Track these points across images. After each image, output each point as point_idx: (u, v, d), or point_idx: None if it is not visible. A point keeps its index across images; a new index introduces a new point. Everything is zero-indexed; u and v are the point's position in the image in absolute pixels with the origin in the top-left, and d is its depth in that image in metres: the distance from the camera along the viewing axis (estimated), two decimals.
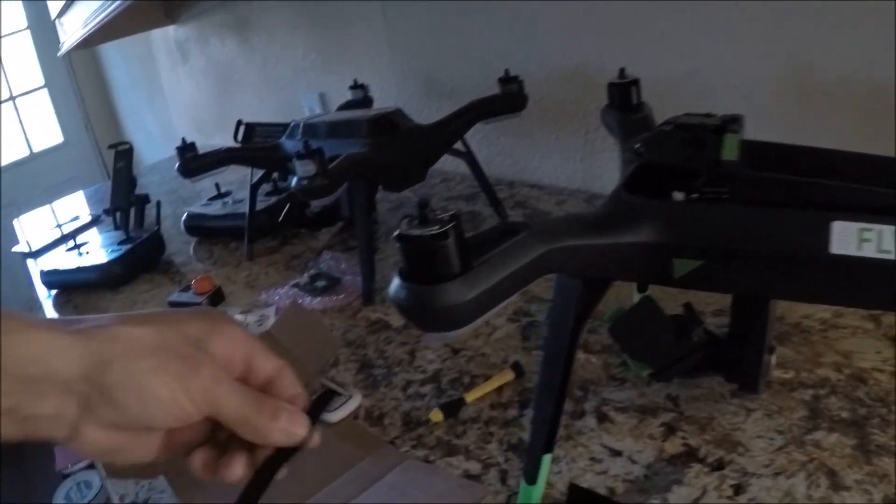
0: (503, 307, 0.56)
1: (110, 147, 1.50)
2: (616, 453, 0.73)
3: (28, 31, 3.37)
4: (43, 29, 3.21)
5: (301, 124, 1.20)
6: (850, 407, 0.73)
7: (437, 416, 0.80)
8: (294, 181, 0.93)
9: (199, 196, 1.69)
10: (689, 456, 0.70)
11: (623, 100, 0.84)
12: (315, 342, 0.91)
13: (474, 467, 0.74)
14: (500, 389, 0.84)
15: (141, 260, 1.33)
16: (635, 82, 0.83)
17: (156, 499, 0.76)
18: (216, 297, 1.15)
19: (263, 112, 2.04)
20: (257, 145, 1.26)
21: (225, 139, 2.21)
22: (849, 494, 0.63)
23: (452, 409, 0.81)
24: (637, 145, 0.67)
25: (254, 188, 1.27)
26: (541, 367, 0.66)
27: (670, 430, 0.74)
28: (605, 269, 0.60)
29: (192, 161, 1.18)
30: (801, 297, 0.69)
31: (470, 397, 0.82)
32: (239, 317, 1.09)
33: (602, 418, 0.78)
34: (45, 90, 3.50)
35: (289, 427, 0.46)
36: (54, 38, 2.57)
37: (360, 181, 1.00)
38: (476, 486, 0.71)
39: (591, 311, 0.63)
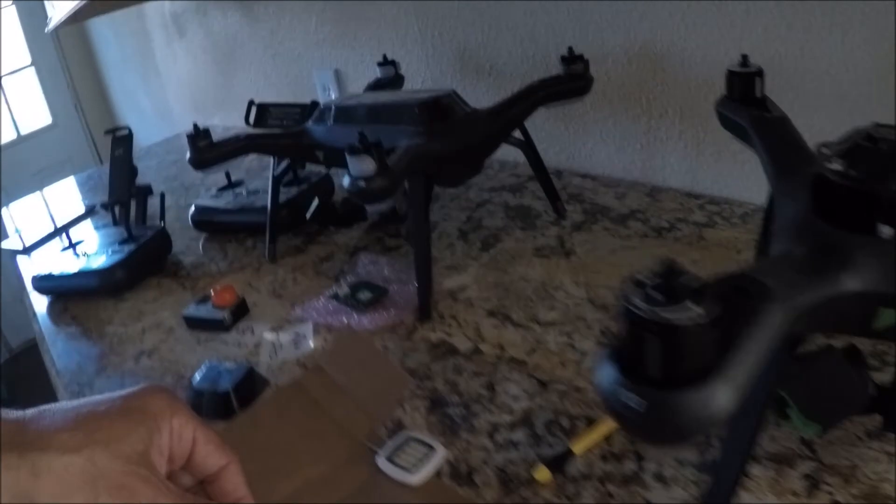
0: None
1: (107, 133, 1.30)
2: None
3: (13, 6, 3.11)
4: (29, 3, 2.96)
5: (332, 107, 1.00)
6: None
7: (542, 474, 0.63)
8: (347, 181, 0.74)
9: (204, 184, 1.50)
10: None
11: (746, 92, 0.68)
12: (377, 378, 0.73)
13: None
14: (610, 437, 0.67)
15: (146, 262, 1.14)
16: (759, 73, 0.67)
17: None
18: (239, 311, 0.96)
19: (270, 91, 1.83)
20: (281, 132, 1.06)
21: (226, 120, 2.02)
22: None
23: (558, 463, 0.64)
24: (837, 162, 0.49)
25: (276, 180, 1.08)
26: (725, 437, 0.50)
27: (813, 483, 0.60)
28: (812, 323, 0.45)
29: (207, 150, 0.99)
30: None
31: (578, 448, 0.65)
32: (269, 335, 0.90)
33: None
34: (33, 69, 3.24)
35: None
36: (42, 14, 2.34)
37: (419, 177, 0.82)
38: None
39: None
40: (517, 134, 1.01)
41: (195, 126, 0.99)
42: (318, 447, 0.66)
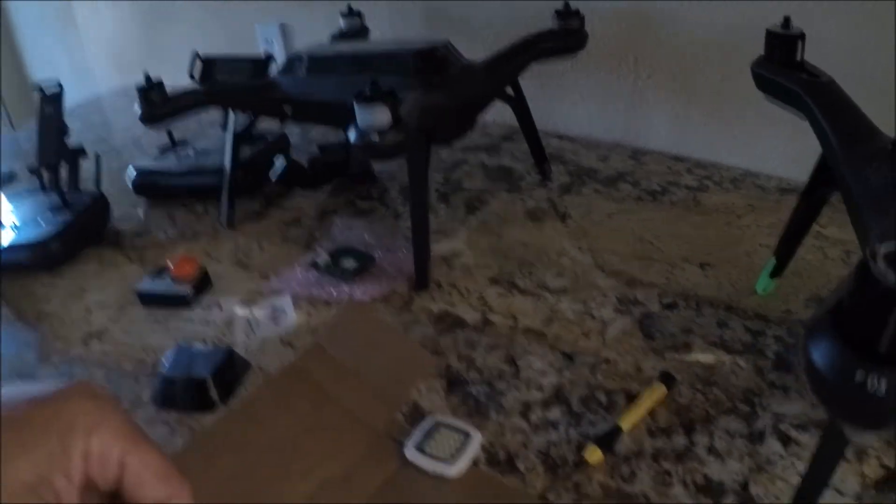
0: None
1: (36, 90, 1.12)
2: None
3: None
4: None
5: (305, 56, 0.89)
6: None
7: (594, 455, 0.55)
8: (354, 135, 0.64)
9: (138, 146, 1.35)
10: (894, 480, 0.54)
11: (787, 55, 0.64)
12: (392, 358, 0.63)
13: None
14: (653, 411, 0.60)
15: (85, 232, 0.99)
16: (802, 36, 0.63)
17: None
18: (202, 284, 0.84)
19: (206, 46, 1.66)
20: (245, 84, 0.94)
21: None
22: None
23: (607, 442, 0.57)
24: None
25: (238, 137, 0.96)
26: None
27: (861, 449, 0.56)
28: None
29: (161, 104, 0.86)
30: None
31: (626, 423, 0.58)
32: (241, 311, 0.79)
33: (786, 440, 0.58)
34: None
35: None
36: None
37: (422, 133, 0.72)
38: None
39: None
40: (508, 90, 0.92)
41: (147, 77, 0.86)
42: (331, 441, 0.57)
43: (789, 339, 0.68)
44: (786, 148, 0.94)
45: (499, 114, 1.02)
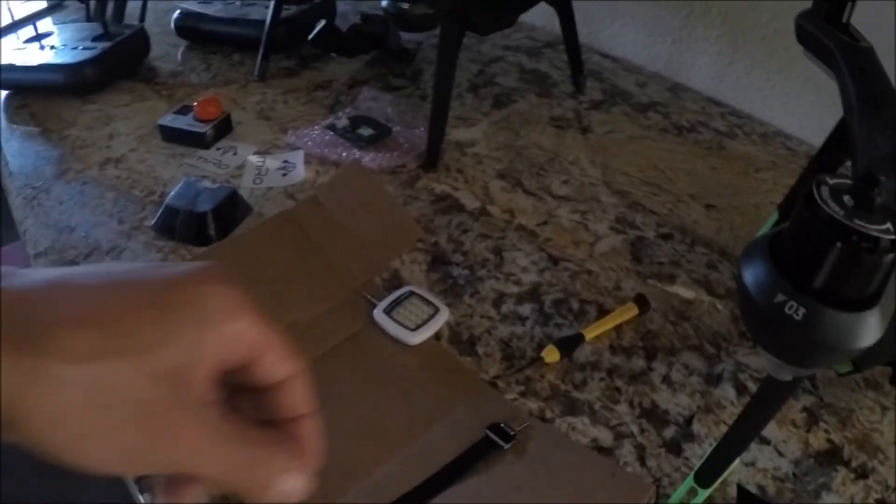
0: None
1: None
2: (762, 441, 0.55)
3: None
4: None
5: None
6: None
7: (552, 354, 0.56)
8: (386, 1, 0.62)
9: None
10: (835, 456, 0.56)
11: (833, 13, 0.60)
12: (381, 222, 0.64)
13: (604, 436, 0.52)
14: (618, 327, 0.61)
15: (120, 63, 0.99)
16: None
17: None
18: (223, 127, 0.85)
19: None
20: None
21: None
22: None
23: (567, 346, 0.57)
24: None
25: None
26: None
27: (812, 418, 0.58)
28: None
29: None
30: None
31: (590, 334, 0.58)
32: (254, 159, 0.80)
33: (741, 389, 0.59)
34: None
35: (285, 494, 0.31)
36: None
37: (455, 17, 0.70)
38: (639, 482, 0.48)
39: None
40: None
41: None
42: (307, 288, 0.58)
43: None
44: (824, 116, 0.90)
45: (549, 20, 0.99)
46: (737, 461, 0.47)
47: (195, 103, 0.84)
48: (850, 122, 0.54)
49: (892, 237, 0.26)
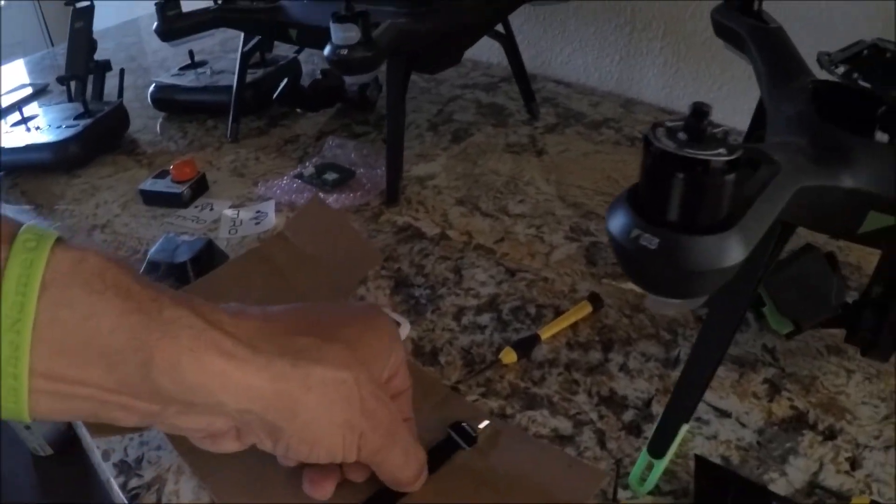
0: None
1: (67, 4, 1.18)
2: (723, 414, 0.57)
3: None
4: None
5: None
6: None
7: (509, 356, 0.60)
8: (328, 50, 0.68)
9: (164, 66, 1.40)
10: (800, 422, 0.57)
11: (745, 3, 0.65)
12: (345, 250, 0.68)
13: (563, 425, 0.55)
14: (574, 325, 0.64)
15: (102, 138, 1.05)
16: None
17: (152, 456, 0.53)
18: (199, 187, 0.90)
19: None
20: (256, 5, 0.98)
21: (188, 6, 1.86)
22: None
23: (525, 347, 0.61)
24: (841, 67, 0.47)
25: (245, 56, 1.00)
26: (706, 320, 0.47)
27: (774, 389, 0.60)
28: (806, 215, 0.43)
29: (176, 20, 0.90)
30: None
31: (545, 334, 0.62)
32: (229, 212, 0.85)
33: None
34: None
35: (418, 482, 0.44)
36: None
37: (400, 57, 0.75)
38: (594, 471, 0.52)
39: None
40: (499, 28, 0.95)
41: None
42: None
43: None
44: None
45: (503, 56, 1.04)
46: (685, 428, 0.50)
47: (171, 167, 0.90)
48: (763, 98, 0.58)
49: (724, 159, 0.29)
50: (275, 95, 1.00)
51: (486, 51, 1.04)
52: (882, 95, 0.44)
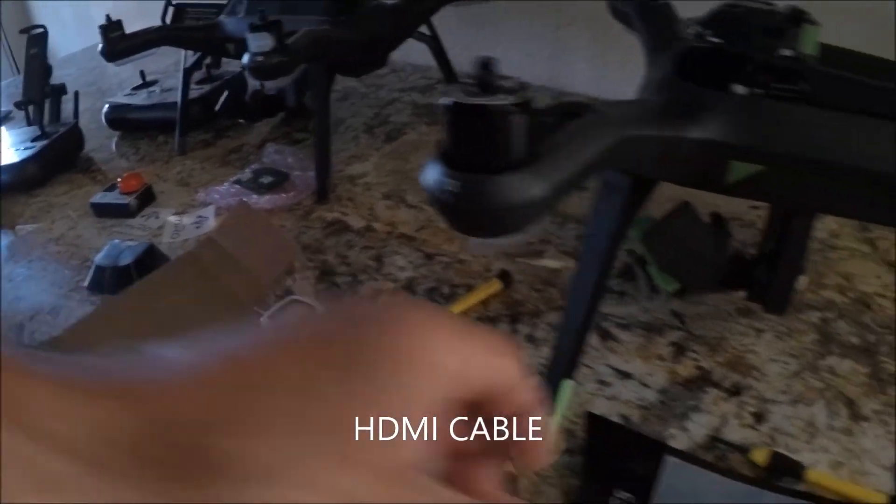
0: None
1: (22, 31, 1.23)
2: (625, 376, 0.62)
3: None
4: None
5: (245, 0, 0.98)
6: (859, 333, 0.65)
7: None
8: (246, 57, 0.73)
9: (122, 88, 1.45)
10: (704, 380, 0.60)
11: None
12: (267, 248, 0.74)
13: None
14: (485, 301, 0.69)
15: (58, 158, 1.10)
16: None
17: None
18: (145, 197, 0.95)
19: None
20: (193, 24, 1.03)
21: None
22: (868, 425, 0.56)
23: None
24: (697, 28, 0.52)
25: (187, 73, 1.06)
26: (573, 279, 0.53)
27: (680, 350, 0.64)
28: (661, 168, 0.47)
29: (119, 41, 0.96)
30: (867, 216, 0.57)
31: (454, 309, 0.67)
32: (173, 218, 0.90)
33: (605, 336, 0.66)
34: None
35: None
36: None
37: (320, 63, 0.81)
38: None
39: (633, 219, 0.51)
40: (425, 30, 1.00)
41: (107, 17, 0.96)
42: (209, 311, 0.67)
43: (638, 252, 0.76)
44: None
45: None
46: (570, 384, 0.55)
47: (119, 180, 0.95)
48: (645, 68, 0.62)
49: (502, 103, 0.33)
50: (216, 108, 1.06)
51: (424, 54, 1.09)
52: (733, 51, 0.48)
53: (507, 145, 0.34)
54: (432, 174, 0.35)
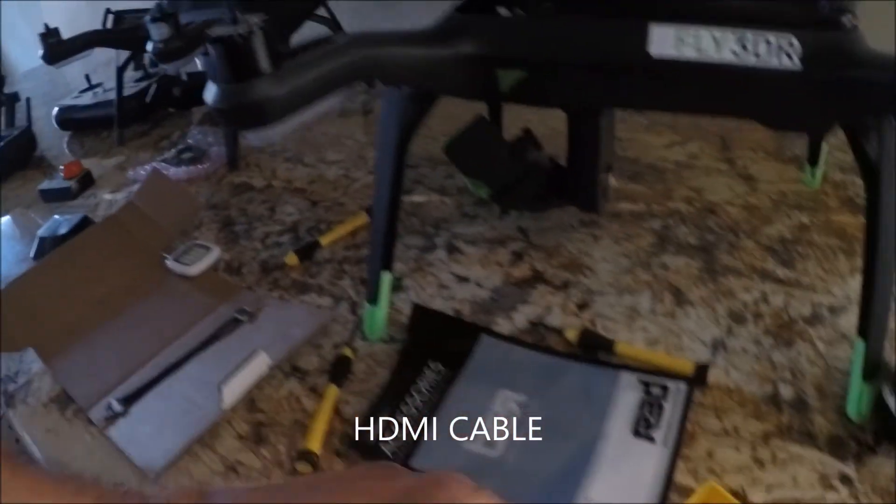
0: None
1: None
2: (464, 280, 0.72)
3: None
4: None
5: None
6: (699, 235, 0.73)
7: (291, 259, 0.78)
8: (150, 45, 0.86)
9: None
10: (536, 279, 0.69)
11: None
12: (176, 207, 0.87)
13: (326, 301, 0.73)
14: (355, 233, 0.82)
15: (12, 158, 1.23)
16: None
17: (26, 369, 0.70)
18: (85, 181, 1.08)
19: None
20: (121, 27, 1.16)
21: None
22: (693, 309, 0.63)
23: (307, 252, 0.79)
24: None
25: (120, 70, 1.18)
26: (375, 184, 0.64)
27: (518, 257, 0.74)
28: (428, 82, 0.58)
29: (56, 46, 1.08)
30: (627, 104, 0.67)
31: (325, 240, 0.80)
32: (108, 196, 1.03)
33: (452, 250, 0.77)
34: None
35: None
36: None
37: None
38: (323, 312, 0.70)
39: (417, 126, 0.62)
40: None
41: (45, 25, 1.08)
42: (124, 262, 0.80)
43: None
44: None
45: None
46: (388, 276, 0.65)
47: (61, 167, 1.08)
48: None
49: (230, 32, 0.45)
50: (148, 99, 1.19)
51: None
52: None
53: (250, 60, 0.46)
54: (208, 91, 0.48)
